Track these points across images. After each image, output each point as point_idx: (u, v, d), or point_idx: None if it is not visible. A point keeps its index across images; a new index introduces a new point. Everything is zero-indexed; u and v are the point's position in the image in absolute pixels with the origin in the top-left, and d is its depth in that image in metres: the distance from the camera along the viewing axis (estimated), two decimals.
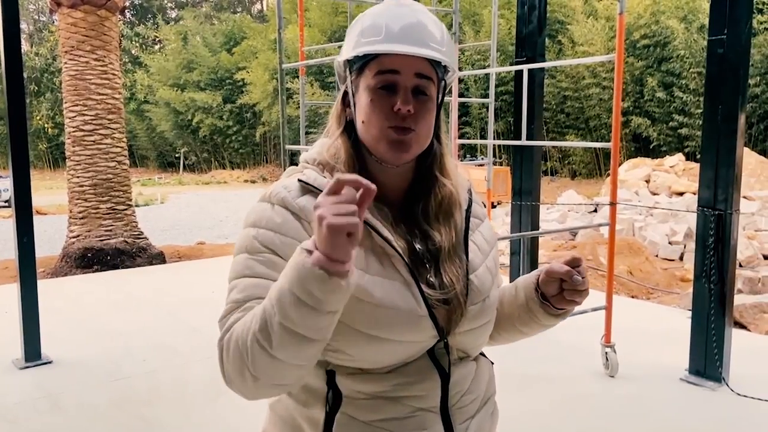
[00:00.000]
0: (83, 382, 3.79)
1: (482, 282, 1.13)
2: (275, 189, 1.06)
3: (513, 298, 1.22)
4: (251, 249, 1.02)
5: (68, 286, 6.34)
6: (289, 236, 1.01)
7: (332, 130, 1.15)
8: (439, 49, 1.07)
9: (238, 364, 0.92)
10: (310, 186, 1.05)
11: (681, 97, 16.27)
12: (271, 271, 0.98)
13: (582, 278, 1.09)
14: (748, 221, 8.17)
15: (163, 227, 12.21)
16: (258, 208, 1.07)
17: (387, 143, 1.06)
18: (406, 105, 1.04)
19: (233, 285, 1.01)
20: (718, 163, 3.54)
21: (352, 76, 1.11)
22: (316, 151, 1.14)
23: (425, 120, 1.07)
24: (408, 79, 1.06)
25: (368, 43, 1.06)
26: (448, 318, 1.08)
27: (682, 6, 16.47)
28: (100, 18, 7.46)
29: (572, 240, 8.66)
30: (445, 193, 1.13)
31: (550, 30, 17.65)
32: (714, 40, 3.52)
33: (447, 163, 1.15)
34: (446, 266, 1.09)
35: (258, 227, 1.04)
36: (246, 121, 27.13)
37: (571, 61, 10.30)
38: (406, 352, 1.05)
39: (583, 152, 18.41)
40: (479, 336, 1.14)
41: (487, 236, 1.21)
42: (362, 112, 1.08)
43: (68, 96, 7.50)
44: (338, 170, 1.07)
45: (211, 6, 38.89)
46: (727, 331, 3.60)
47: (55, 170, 29.81)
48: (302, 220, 1.02)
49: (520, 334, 1.25)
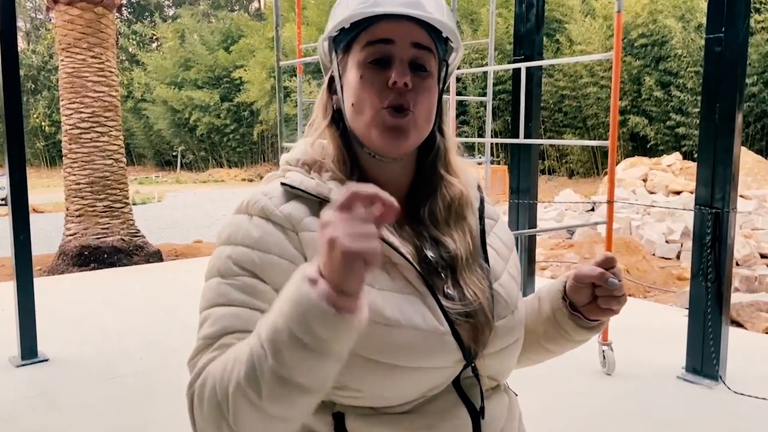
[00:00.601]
0: (79, 380, 3.79)
1: (508, 291, 0.96)
2: (253, 197, 0.89)
3: (536, 312, 1.05)
4: (225, 272, 0.84)
5: (65, 285, 6.33)
6: (270, 252, 0.84)
7: (318, 121, 0.98)
8: (436, 15, 0.90)
9: (214, 417, 0.74)
10: (296, 190, 0.88)
11: (678, 96, 16.29)
12: (250, 298, 0.82)
13: (619, 281, 0.92)
14: (745, 220, 8.18)
15: (160, 225, 12.20)
16: (233, 221, 0.89)
17: (381, 129, 0.89)
18: (402, 77, 0.87)
19: (205, 317, 0.84)
20: (716, 161, 3.54)
21: (338, 56, 0.95)
22: (300, 150, 0.97)
23: (425, 99, 0.91)
24: (404, 50, 0.89)
25: (357, 9, 0.89)
26: (474, 336, 0.89)
27: (679, 5, 16.48)
28: (97, 15, 7.44)
29: (569, 238, 8.67)
30: (454, 194, 0.96)
31: (548, 29, 17.65)
32: (711, 38, 3.52)
33: (453, 159, 0.99)
34: (466, 277, 0.92)
35: (233, 244, 0.86)
36: (243, 119, 27.09)
37: (568, 59, 10.33)
38: (428, 382, 0.86)
39: (580, 151, 18.42)
40: (509, 357, 0.96)
41: (504, 238, 1.05)
42: (351, 92, 0.91)
43: (65, 94, 7.49)
44: (327, 169, 0.92)
45: (208, 4, 38.81)
46: (723, 330, 3.60)
47: (52, 168, 29.75)
48: (287, 230, 0.85)
49: (547, 353, 1.07)
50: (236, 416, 0.72)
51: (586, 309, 0.97)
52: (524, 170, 4.82)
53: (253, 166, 27.68)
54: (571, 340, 1.02)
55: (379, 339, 0.82)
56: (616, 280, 0.92)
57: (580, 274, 0.95)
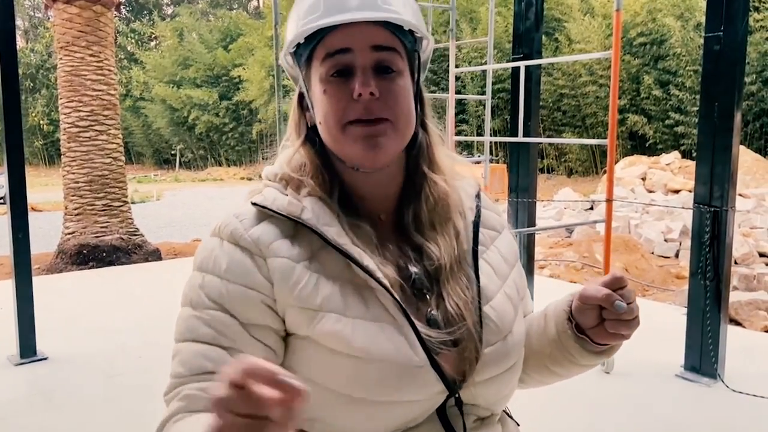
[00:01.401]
0: (78, 378, 3.79)
1: (501, 314, 0.87)
2: (226, 220, 0.85)
3: (542, 330, 0.96)
4: (196, 303, 0.83)
5: (63, 283, 6.33)
6: (237, 283, 0.81)
7: (292, 140, 0.92)
8: (394, 10, 0.82)
9: None
10: (266, 209, 0.84)
11: (677, 94, 16.29)
12: (217, 335, 0.80)
13: (628, 304, 0.83)
14: (743, 219, 8.19)
15: (159, 224, 12.19)
16: (206, 245, 0.86)
17: (353, 142, 0.83)
18: (365, 86, 0.81)
19: (176, 350, 0.84)
20: (714, 160, 3.54)
21: (302, 71, 0.89)
22: (279, 164, 0.92)
23: (398, 102, 0.83)
24: (364, 56, 0.82)
25: (306, 24, 0.83)
26: (458, 365, 0.83)
27: (678, 4, 16.47)
28: (96, 14, 7.42)
29: (568, 237, 8.68)
30: (439, 193, 0.89)
31: (547, 27, 17.64)
32: (710, 37, 3.52)
33: (437, 154, 0.91)
34: (449, 288, 0.85)
35: (204, 272, 0.84)
36: (242, 118, 27.08)
37: (567, 57, 10.33)
38: (405, 415, 0.80)
39: (579, 150, 18.43)
40: (502, 386, 0.87)
41: (505, 253, 0.96)
42: (318, 109, 0.86)
43: (64, 92, 7.47)
44: (306, 189, 0.86)
45: (207, 3, 38.76)
46: (722, 328, 3.61)
47: (51, 167, 29.71)
48: (255, 256, 0.82)
49: (554, 375, 0.98)
50: None
51: (593, 332, 0.87)
52: (523, 169, 4.81)
53: (251, 164, 27.66)
54: (577, 364, 0.94)
55: (350, 371, 0.78)
56: (624, 303, 0.82)
57: (584, 294, 0.85)
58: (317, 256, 0.83)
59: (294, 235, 0.83)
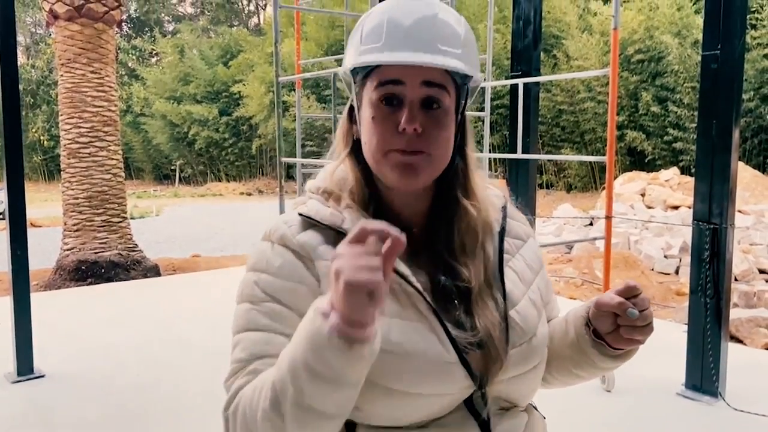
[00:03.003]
0: (75, 396, 3.76)
1: (525, 318, 0.95)
2: (276, 225, 0.95)
3: (563, 335, 1.03)
4: (253, 298, 0.91)
5: (62, 300, 6.30)
6: (290, 280, 0.90)
7: (338, 150, 1.00)
8: (452, 52, 0.89)
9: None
10: (311, 219, 0.92)
11: (675, 111, 16.36)
12: (275, 324, 0.88)
13: (640, 312, 0.89)
14: (743, 235, 8.19)
15: (158, 240, 12.18)
16: (259, 248, 0.96)
17: (392, 168, 0.90)
18: (411, 123, 0.87)
19: (237, 341, 0.90)
20: (713, 177, 3.55)
21: (356, 88, 0.96)
22: (321, 177, 1.00)
23: (439, 138, 0.90)
24: (414, 91, 0.89)
25: (367, 51, 0.90)
26: (485, 364, 0.91)
27: (675, 21, 16.61)
28: (97, 31, 7.48)
29: (568, 253, 8.66)
30: (470, 220, 0.95)
31: (546, 44, 17.76)
32: (708, 55, 3.54)
33: (473, 181, 0.98)
34: (479, 308, 0.92)
35: (258, 271, 0.93)
36: (242, 133, 27.17)
37: (565, 75, 10.38)
38: (436, 405, 0.89)
39: (578, 166, 18.47)
40: (527, 383, 0.96)
41: (530, 260, 1.04)
42: (365, 129, 0.93)
43: (64, 108, 7.50)
44: (344, 199, 0.95)
45: (208, 20, 39.05)
46: (723, 346, 3.59)
47: (50, 182, 29.74)
48: (304, 258, 0.90)
49: (575, 377, 1.06)
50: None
51: (609, 337, 0.95)
52: (522, 185, 4.82)
53: (251, 179, 27.71)
54: (596, 367, 1.01)
55: (387, 365, 0.84)
56: (636, 311, 0.89)
57: (600, 302, 0.93)
58: None
59: (335, 242, 0.88)
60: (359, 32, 0.93)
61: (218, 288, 6.67)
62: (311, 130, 22.37)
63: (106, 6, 7.47)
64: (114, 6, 7.58)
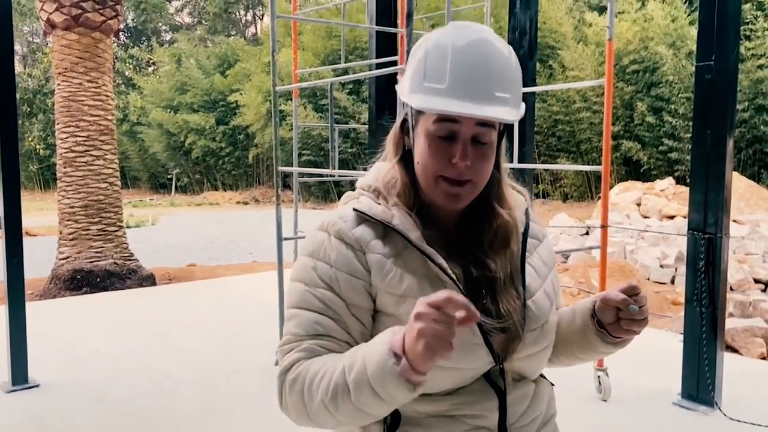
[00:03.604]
0: (70, 406, 3.74)
1: (540, 307, 1.12)
2: (332, 219, 1.08)
3: (570, 323, 1.20)
4: (309, 281, 1.05)
5: (57, 309, 6.28)
6: (343, 271, 1.04)
7: (389, 156, 1.14)
8: (504, 98, 1.03)
9: (299, 407, 0.99)
10: (365, 215, 1.07)
11: (670, 121, 16.43)
12: (327, 308, 1.03)
13: (639, 307, 1.06)
14: (738, 245, 8.21)
15: (154, 249, 12.14)
16: (316, 238, 1.08)
17: (441, 193, 1.05)
18: (464, 160, 1.02)
19: (292, 314, 1.05)
20: (708, 187, 3.56)
21: (413, 110, 1.07)
22: (372, 176, 1.14)
23: (483, 169, 1.06)
24: (468, 130, 1.03)
25: (431, 92, 1.01)
26: (505, 345, 1.08)
27: (670, 32, 16.70)
28: (94, 40, 7.49)
29: (564, 262, 8.67)
30: (501, 223, 1.11)
31: (542, 55, 17.84)
32: (702, 65, 3.57)
33: (505, 191, 1.14)
34: (503, 296, 1.09)
35: (316, 259, 1.06)
36: (239, 142, 27.16)
37: (561, 85, 10.41)
38: (462, 377, 1.06)
39: (574, 175, 18.52)
40: (538, 361, 1.14)
41: (545, 258, 1.20)
42: (419, 153, 1.06)
43: (61, 117, 7.50)
44: (391, 198, 1.09)
45: (205, 29, 39.14)
46: (718, 355, 3.59)
47: (46, 191, 29.66)
48: (356, 251, 1.05)
49: (577, 359, 1.25)
50: (316, 415, 0.97)
51: (611, 327, 1.11)
52: None
53: (248, 189, 27.68)
54: (597, 351, 1.18)
55: None
56: (636, 306, 1.06)
57: (606, 297, 1.09)
58: (402, 254, 1.06)
59: (384, 236, 1.07)
60: (422, 65, 1.04)
61: (214, 297, 6.66)
62: (308, 140, 22.39)
63: (104, 15, 7.49)
64: (111, 15, 7.59)
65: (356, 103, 21.68)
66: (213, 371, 4.32)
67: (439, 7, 17.47)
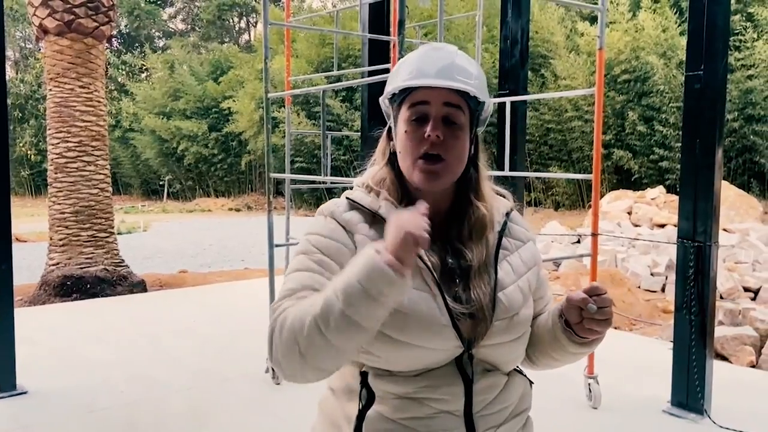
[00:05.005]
0: (59, 413, 3.71)
1: (510, 300, 1.20)
2: (328, 205, 1.24)
3: (545, 323, 1.28)
4: (307, 250, 1.18)
5: (46, 315, 6.24)
6: (336, 241, 1.18)
7: (378, 161, 1.29)
8: (465, 81, 1.18)
9: (289, 343, 1.04)
10: (356, 203, 1.22)
11: (661, 130, 16.55)
12: (321, 269, 1.15)
13: (598, 307, 1.12)
14: (728, 253, 8.26)
15: (145, 255, 12.09)
16: (315, 220, 1.24)
17: (419, 172, 1.18)
18: (434, 131, 1.16)
19: (289, 278, 1.16)
20: (697, 195, 3.59)
21: (394, 112, 1.25)
22: (367, 176, 1.30)
23: (455, 148, 1.18)
24: (437, 109, 1.17)
25: (403, 80, 1.20)
26: (473, 330, 1.16)
27: (661, 42, 16.84)
28: (87, 46, 7.48)
29: (555, 270, 8.69)
30: (479, 216, 1.23)
31: (533, 64, 17.95)
32: (691, 75, 3.60)
33: (483, 188, 1.26)
34: (475, 282, 1.19)
35: (313, 234, 1.21)
36: (231, 149, 27.13)
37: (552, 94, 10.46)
38: (431, 358, 1.14)
39: (566, 183, 18.60)
40: (509, 351, 1.20)
41: (525, 258, 1.29)
42: (399, 142, 1.22)
43: (52, 123, 7.47)
44: (382, 194, 1.24)
45: (198, 36, 39.16)
46: (708, 363, 3.61)
47: (37, 197, 29.51)
48: (347, 230, 1.19)
49: (553, 360, 1.31)
50: (307, 342, 1.01)
51: (576, 327, 1.18)
52: None
53: (240, 195, 27.64)
54: (566, 351, 1.24)
55: (395, 320, 1.09)
56: (595, 306, 1.12)
57: (569, 297, 1.17)
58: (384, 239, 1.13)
59: (372, 223, 1.20)
60: (398, 68, 1.23)
61: (205, 304, 6.63)
62: (300, 147, 22.39)
63: (96, 21, 7.47)
64: (104, 21, 7.58)
65: (349, 110, 21.71)
66: (204, 378, 4.30)
67: (431, 16, 17.55)
